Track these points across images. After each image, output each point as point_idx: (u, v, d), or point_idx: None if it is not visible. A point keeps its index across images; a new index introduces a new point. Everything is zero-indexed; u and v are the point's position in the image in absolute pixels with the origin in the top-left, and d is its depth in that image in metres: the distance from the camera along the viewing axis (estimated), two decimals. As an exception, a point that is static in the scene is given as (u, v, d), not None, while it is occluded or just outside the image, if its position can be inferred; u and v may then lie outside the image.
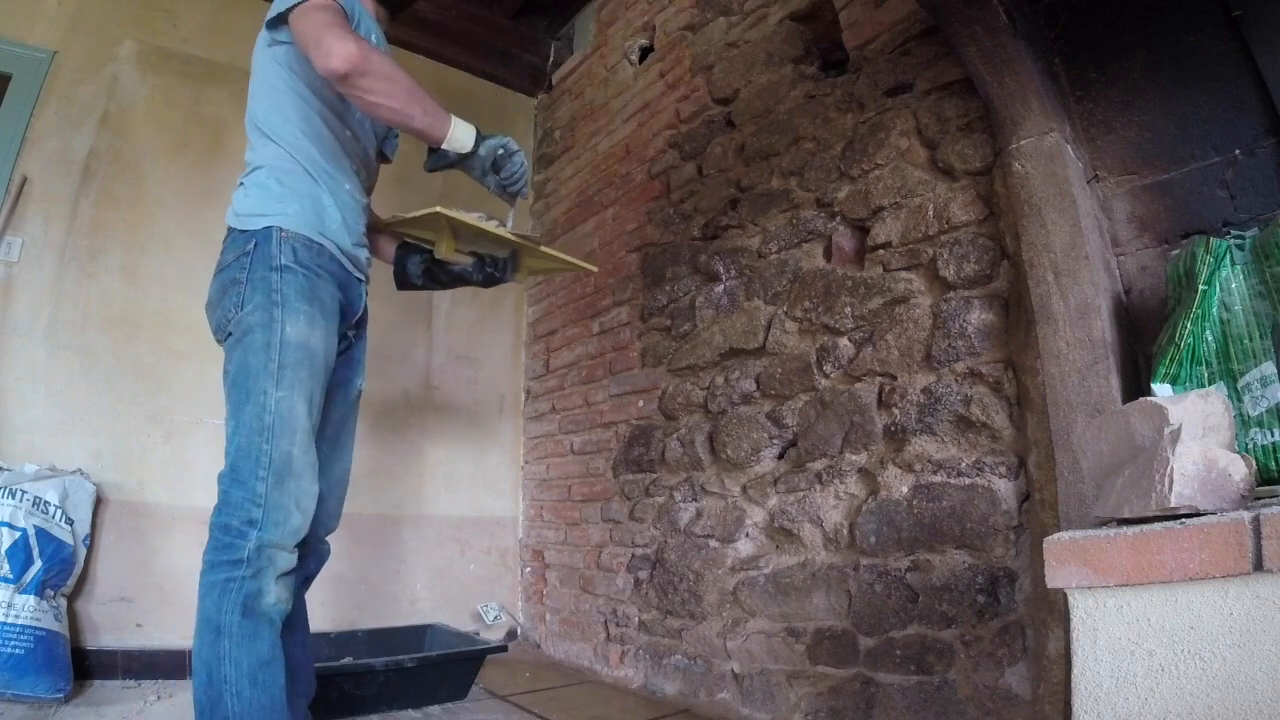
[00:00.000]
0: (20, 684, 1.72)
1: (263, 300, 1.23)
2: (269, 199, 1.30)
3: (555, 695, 2.11)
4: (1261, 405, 1.01)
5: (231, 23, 2.62)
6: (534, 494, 2.96)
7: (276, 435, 1.20)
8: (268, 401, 1.20)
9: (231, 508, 1.17)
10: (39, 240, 2.19)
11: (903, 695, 1.49)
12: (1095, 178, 1.40)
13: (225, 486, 1.19)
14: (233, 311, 1.25)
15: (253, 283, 1.24)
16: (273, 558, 1.17)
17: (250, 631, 1.14)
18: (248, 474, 1.18)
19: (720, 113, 2.25)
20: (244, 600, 1.14)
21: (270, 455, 1.19)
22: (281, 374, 1.21)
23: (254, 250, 1.26)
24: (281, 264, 1.26)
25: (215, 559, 1.16)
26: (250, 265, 1.25)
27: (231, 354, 1.25)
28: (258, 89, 1.36)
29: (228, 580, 1.14)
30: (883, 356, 1.64)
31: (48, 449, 2.09)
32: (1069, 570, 0.79)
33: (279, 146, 1.32)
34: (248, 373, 1.21)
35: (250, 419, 1.20)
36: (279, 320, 1.23)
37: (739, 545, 1.93)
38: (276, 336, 1.22)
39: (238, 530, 1.16)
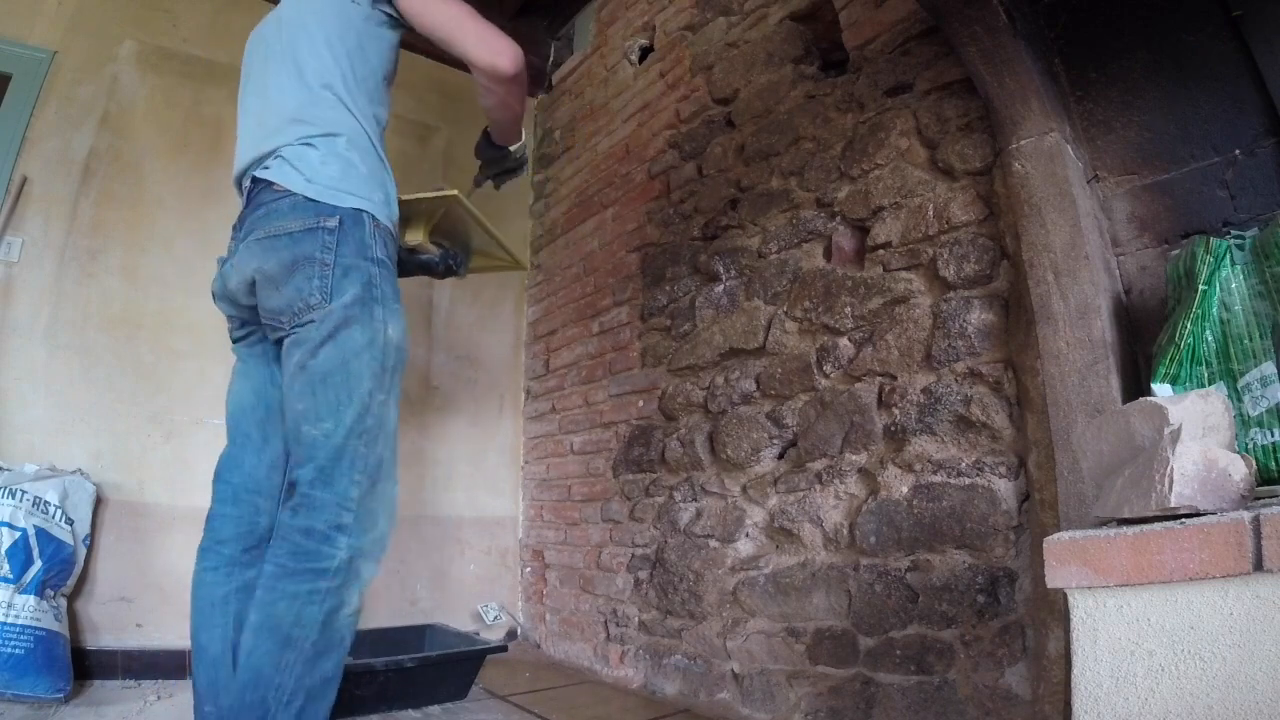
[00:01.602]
0: (20, 684, 1.72)
1: (362, 294, 1.14)
2: (355, 178, 1.20)
3: (555, 695, 2.11)
4: (1261, 405, 1.01)
5: (231, 23, 2.62)
6: (534, 494, 2.96)
7: (375, 440, 1.14)
8: (370, 404, 1.14)
9: (316, 511, 1.09)
10: (39, 240, 2.19)
11: (903, 695, 1.49)
12: (1095, 178, 1.40)
13: (308, 489, 1.10)
14: (315, 299, 1.13)
15: (344, 269, 1.14)
16: (359, 569, 1.11)
17: (323, 649, 1.07)
18: (340, 476, 1.10)
19: (720, 113, 2.25)
20: (327, 614, 1.06)
21: (367, 459, 1.13)
22: (384, 378, 1.15)
23: (340, 230, 1.15)
24: (377, 256, 1.18)
25: (298, 566, 1.07)
26: (337, 248, 1.14)
27: (320, 349, 1.13)
28: (337, 47, 1.26)
29: (311, 591, 1.06)
30: (883, 356, 1.64)
31: (48, 449, 2.09)
32: (1069, 570, 0.79)
33: (356, 121, 1.24)
34: (348, 373, 1.12)
35: (351, 421, 1.12)
36: (380, 320, 1.15)
37: (739, 545, 1.93)
38: (380, 337, 1.15)
39: (323, 535, 1.08)
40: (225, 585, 1.22)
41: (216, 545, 1.25)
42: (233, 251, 1.26)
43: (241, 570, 1.24)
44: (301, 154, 1.19)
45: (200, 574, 1.25)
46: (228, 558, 1.24)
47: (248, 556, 1.25)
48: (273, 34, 1.35)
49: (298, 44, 1.27)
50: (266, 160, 1.22)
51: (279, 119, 1.24)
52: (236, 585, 1.23)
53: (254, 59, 1.39)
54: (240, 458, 1.30)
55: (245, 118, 1.33)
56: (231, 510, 1.27)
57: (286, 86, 1.25)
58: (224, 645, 1.19)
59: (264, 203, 1.18)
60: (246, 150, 1.28)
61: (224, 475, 1.30)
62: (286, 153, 1.20)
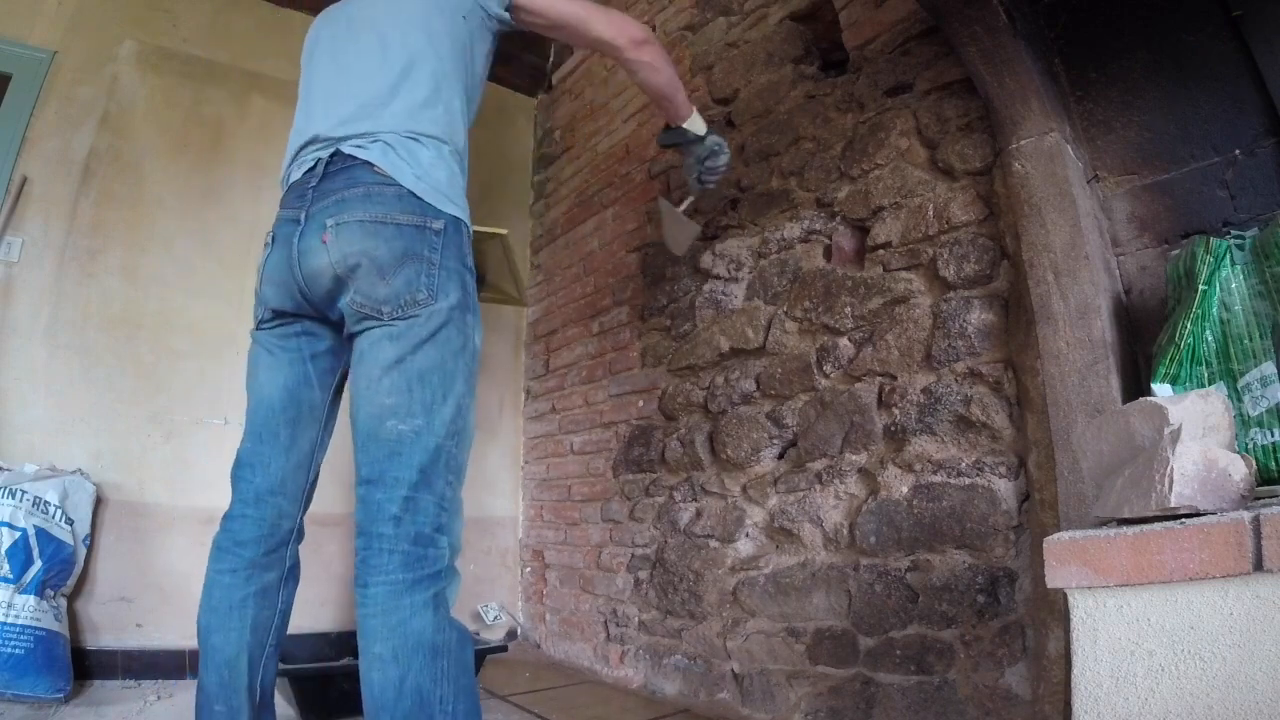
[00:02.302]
0: (20, 684, 1.72)
1: (460, 299, 1.15)
2: (458, 187, 1.22)
3: (555, 695, 2.11)
4: (1261, 405, 1.01)
5: (231, 23, 2.62)
6: (534, 494, 2.95)
7: (462, 442, 1.15)
8: (462, 407, 1.14)
9: (423, 514, 1.07)
10: (39, 240, 2.19)
11: (903, 695, 1.49)
12: (1095, 178, 1.40)
13: (411, 491, 1.07)
14: (423, 295, 1.11)
15: (448, 272, 1.14)
16: (456, 566, 1.12)
17: (462, 643, 1.06)
18: (437, 477, 1.10)
19: (720, 113, 2.25)
20: (451, 611, 1.07)
21: (457, 460, 1.14)
22: (471, 381, 1.17)
23: (444, 234, 1.15)
24: (470, 265, 1.20)
25: (417, 575, 1.05)
26: (442, 250, 1.14)
27: (422, 346, 1.11)
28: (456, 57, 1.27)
29: (436, 596, 1.05)
30: (883, 356, 1.64)
31: (48, 449, 2.09)
32: (1069, 570, 0.79)
33: (461, 134, 1.27)
34: (444, 373, 1.12)
35: (447, 421, 1.12)
36: (471, 327, 1.17)
37: (739, 545, 1.93)
38: (471, 342, 1.17)
39: (430, 538, 1.07)
40: (244, 588, 1.19)
41: (236, 547, 1.21)
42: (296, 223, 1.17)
43: (261, 573, 1.21)
44: (412, 149, 1.17)
45: (217, 575, 1.20)
46: (248, 560, 1.20)
47: (268, 560, 1.22)
48: (368, 22, 1.31)
49: (412, 43, 1.25)
50: (361, 140, 1.17)
51: (386, 105, 1.20)
52: (256, 589, 1.20)
53: (339, 31, 1.34)
54: (266, 457, 1.24)
55: (329, 92, 1.27)
56: (254, 512, 1.22)
57: (398, 77, 1.22)
58: (239, 648, 1.17)
59: (362, 181, 1.14)
60: (329, 123, 1.21)
61: (245, 474, 1.24)
62: (392, 140, 1.17)
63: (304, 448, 1.26)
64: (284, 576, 1.25)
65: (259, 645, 1.19)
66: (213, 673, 1.16)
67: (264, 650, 1.21)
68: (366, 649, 1.04)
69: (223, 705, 1.15)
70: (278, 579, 1.24)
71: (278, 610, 1.23)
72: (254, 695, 1.18)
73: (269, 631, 1.22)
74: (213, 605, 1.19)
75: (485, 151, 3.18)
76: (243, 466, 1.25)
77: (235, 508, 1.23)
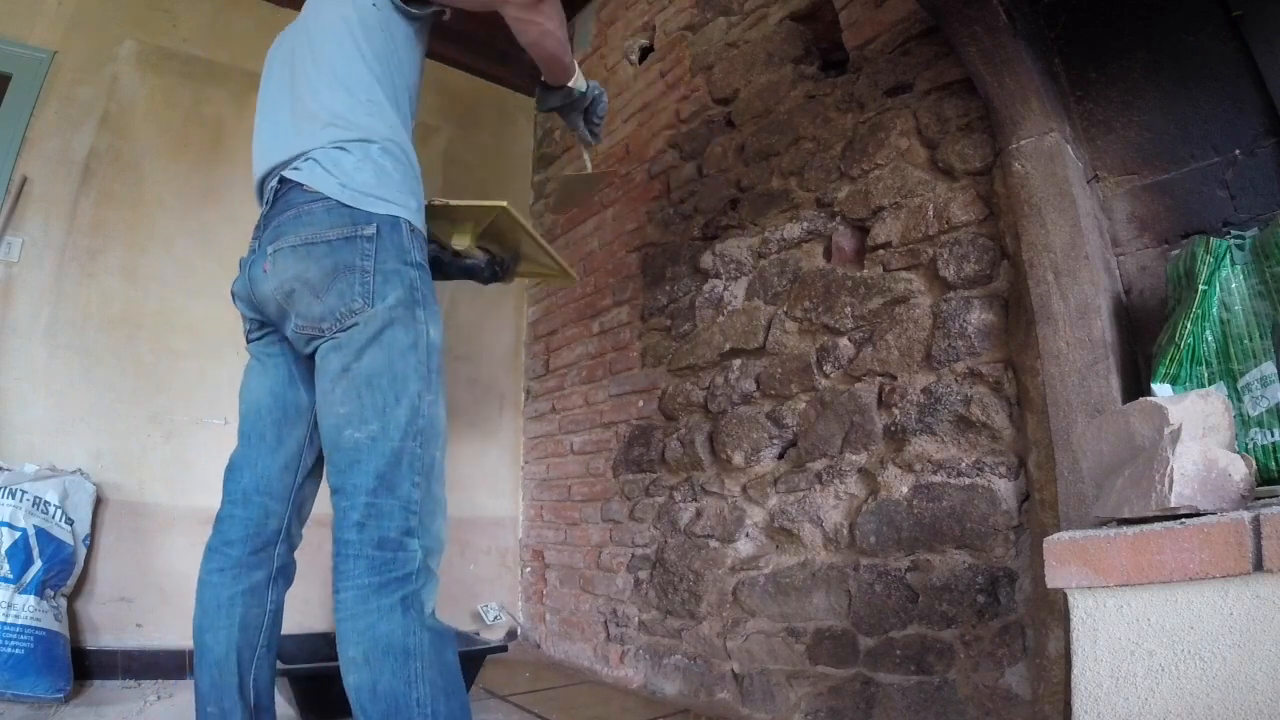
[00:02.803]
0: (20, 684, 1.72)
1: (404, 296, 1.14)
2: (389, 184, 1.20)
3: (555, 695, 2.11)
4: (1261, 405, 1.01)
5: (231, 23, 2.62)
6: (534, 494, 2.95)
7: (428, 440, 1.13)
8: (420, 405, 1.12)
9: (386, 519, 1.07)
10: (39, 240, 2.19)
11: (903, 695, 1.49)
12: (1095, 178, 1.40)
13: (370, 498, 1.08)
14: (358, 303, 1.12)
15: (384, 274, 1.13)
16: (431, 568, 1.10)
17: (438, 645, 1.05)
18: (400, 480, 1.09)
19: (720, 113, 2.25)
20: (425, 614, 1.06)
21: (422, 460, 1.12)
22: (430, 378, 1.15)
23: (376, 237, 1.14)
24: (416, 260, 1.18)
25: (383, 579, 1.05)
26: (376, 256, 1.14)
27: (364, 352, 1.12)
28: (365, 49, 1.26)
29: (405, 598, 1.05)
30: (883, 356, 1.64)
31: (48, 449, 2.09)
32: (1069, 570, 0.79)
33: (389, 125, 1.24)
34: (394, 375, 1.12)
35: (403, 423, 1.11)
36: (423, 321, 1.15)
37: (739, 545, 1.93)
38: (423, 339, 1.15)
39: (396, 542, 1.07)
40: (232, 587, 1.22)
41: (224, 546, 1.24)
42: (254, 252, 1.23)
43: (249, 572, 1.24)
44: (335, 158, 1.18)
45: (207, 575, 1.24)
46: (235, 559, 1.23)
47: (255, 559, 1.25)
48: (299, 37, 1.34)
49: (327, 47, 1.26)
50: (296, 162, 1.21)
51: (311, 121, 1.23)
52: (243, 587, 1.23)
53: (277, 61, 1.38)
54: (253, 458, 1.28)
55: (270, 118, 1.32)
56: (241, 512, 1.26)
57: (319, 89, 1.24)
58: (228, 647, 1.19)
59: (295, 204, 1.17)
60: (273, 151, 1.26)
61: (235, 476, 1.29)
62: (319, 155, 1.19)
63: (291, 448, 1.29)
64: (273, 575, 1.26)
65: (249, 645, 1.21)
66: (205, 673, 1.19)
67: (254, 650, 1.22)
68: (342, 654, 1.05)
69: (214, 706, 1.17)
70: (266, 578, 1.25)
71: (267, 610, 1.25)
72: (246, 695, 1.19)
73: (259, 631, 1.23)
74: (204, 605, 1.22)
75: (485, 151, 3.19)
76: (233, 469, 1.29)
77: (224, 509, 1.27)
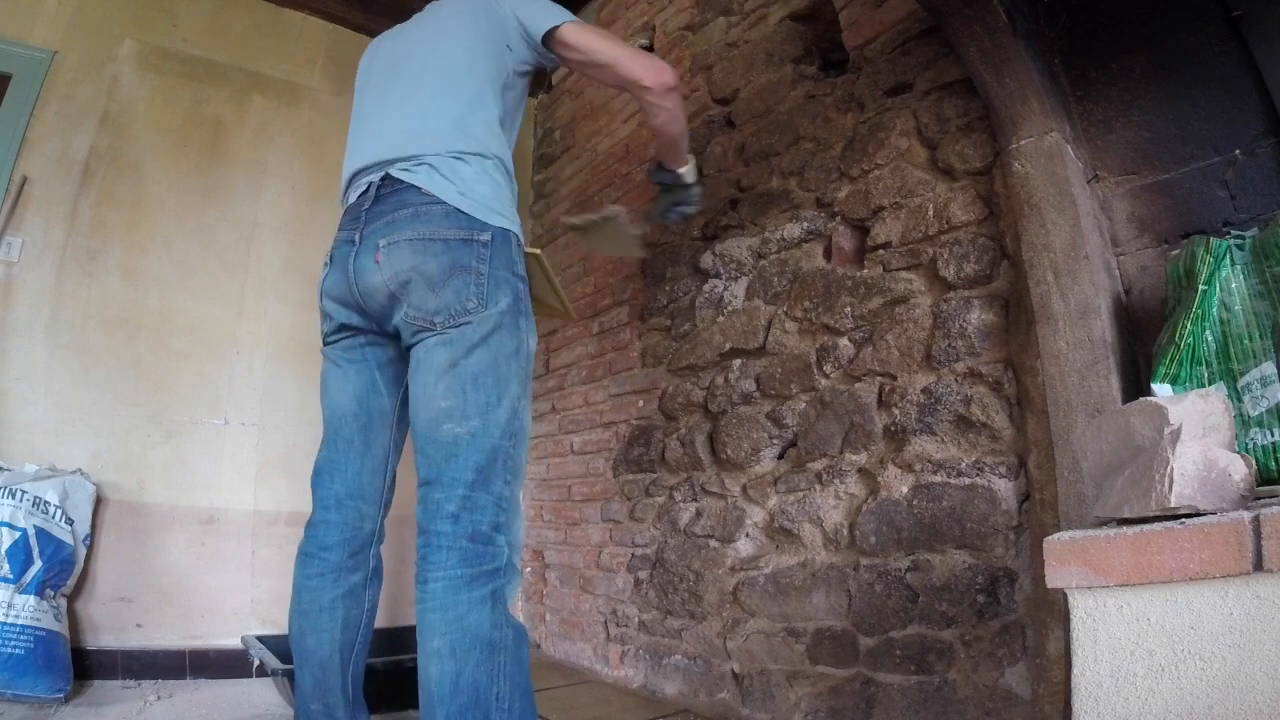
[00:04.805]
0: (20, 684, 1.72)
1: (512, 305, 1.20)
2: (504, 200, 1.28)
3: (555, 695, 2.11)
4: (1261, 405, 1.01)
5: (231, 23, 2.62)
6: (534, 494, 2.95)
7: (520, 442, 1.18)
8: (518, 408, 1.18)
9: (480, 512, 1.11)
10: (39, 240, 2.19)
11: (903, 695, 1.49)
12: (1095, 178, 1.40)
13: (468, 491, 1.12)
14: (473, 303, 1.17)
15: (497, 280, 1.19)
16: (516, 564, 1.13)
17: (519, 640, 1.08)
18: (494, 476, 1.13)
19: (720, 113, 2.25)
20: (509, 608, 1.09)
21: (515, 460, 1.17)
22: (526, 384, 1.21)
23: (491, 245, 1.20)
24: (521, 273, 1.25)
25: (474, 571, 1.08)
26: (491, 260, 1.19)
27: (473, 351, 1.16)
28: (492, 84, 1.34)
29: (494, 592, 1.07)
30: (883, 356, 1.64)
31: (48, 449, 2.09)
32: (1069, 570, 0.79)
33: (504, 149, 1.33)
34: (498, 375, 1.16)
35: (503, 422, 1.15)
36: (525, 331, 1.22)
37: (739, 545, 1.93)
38: (525, 347, 1.21)
39: (487, 536, 1.10)
40: (332, 590, 1.26)
41: (321, 552, 1.28)
42: (352, 244, 1.25)
43: (347, 575, 1.28)
44: (455, 168, 1.23)
45: (304, 580, 1.27)
46: (334, 564, 1.27)
47: (353, 562, 1.29)
48: (414, 50, 1.40)
49: (454, 69, 1.33)
50: (408, 164, 1.25)
51: (429, 128, 1.27)
52: (343, 590, 1.27)
53: (381, 68, 1.45)
54: (342, 463, 1.31)
55: (376, 118, 1.37)
56: (335, 516, 1.29)
57: (440, 101, 1.30)
58: (332, 648, 1.24)
59: (411, 203, 1.21)
60: (379, 149, 1.30)
61: (324, 481, 1.32)
62: (436, 162, 1.23)
63: (378, 452, 1.33)
64: (369, 577, 1.31)
65: (349, 644, 1.26)
66: (307, 673, 1.23)
67: (354, 648, 1.27)
68: (425, 644, 1.07)
69: (319, 703, 1.22)
70: (363, 579, 1.30)
71: (365, 609, 1.30)
72: (347, 692, 1.24)
73: (358, 629, 1.28)
74: (303, 609, 1.26)
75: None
76: (321, 474, 1.32)
77: (317, 514, 1.31)
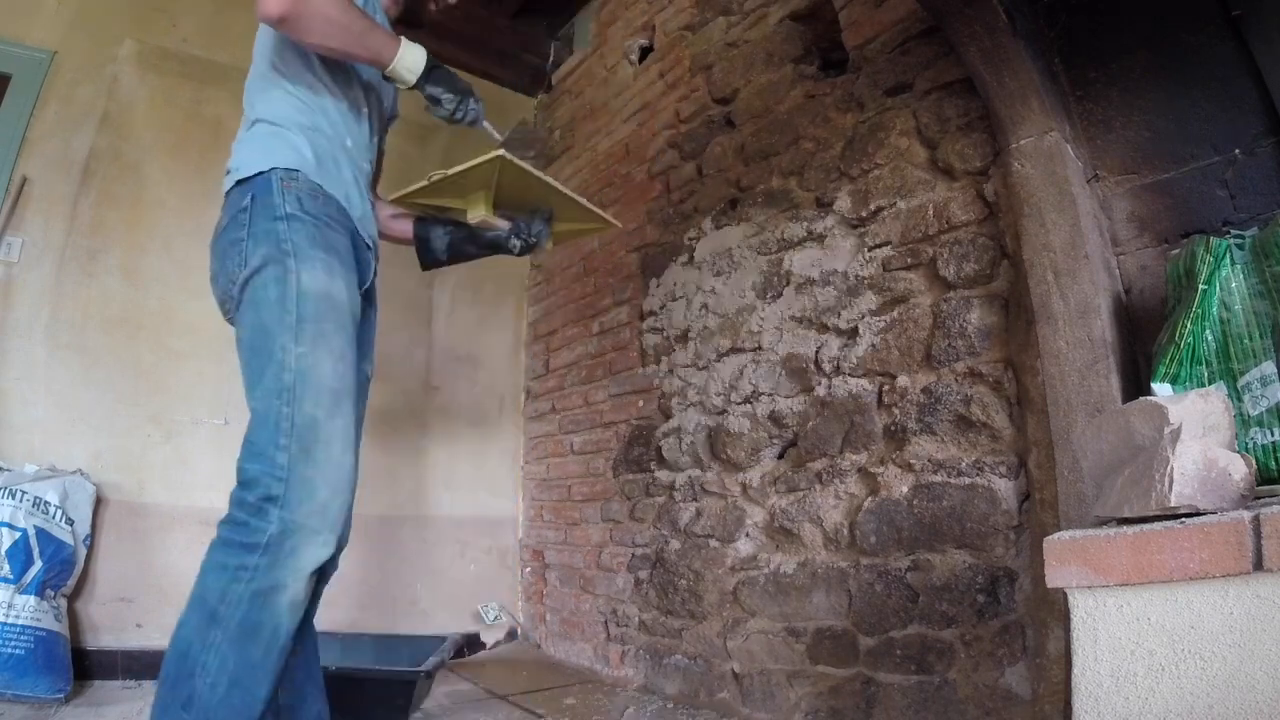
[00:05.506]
0: (21, 684, 1.72)
1: (271, 251, 1.09)
2: (259, 138, 1.19)
3: (555, 695, 2.11)
4: (1261, 405, 1.01)
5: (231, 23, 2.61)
6: (534, 494, 2.95)
7: (298, 397, 1.03)
8: (286, 359, 1.04)
9: (248, 483, 1.02)
10: (39, 240, 2.19)
11: (903, 695, 1.49)
12: (1095, 177, 1.40)
13: (241, 460, 1.04)
14: (237, 272, 1.09)
15: (255, 237, 1.10)
16: (297, 546, 1.00)
17: (250, 631, 0.98)
18: (265, 443, 1.02)
19: (720, 112, 2.25)
20: (253, 594, 0.98)
21: (292, 420, 1.02)
22: (301, 327, 1.06)
23: (251, 204, 1.12)
24: (287, 212, 1.12)
25: (229, 537, 1.01)
26: (251, 221, 1.11)
27: (243, 318, 1.09)
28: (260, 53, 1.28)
29: (239, 568, 0.98)
30: (882, 356, 1.64)
31: (48, 449, 2.09)
32: (1069, 570, 0.79)
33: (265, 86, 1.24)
34: (264, 332, 1.06)
35: (269, 381, 1.04)
36: (293, 270, 1.08)
37: (739, 545, 1.93)
38: (292, 288, 1.07)
39: (254, 507, 1.00)
40: None
41: None
42: None
43: None
44: (232, 156, 1.23)
45: None
46: None
47: None
48: None
49: None
50: None
51: None
52: None
53: None
54: None
55: None
56: None
57: None
58: None
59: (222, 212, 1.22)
60: None
61: None
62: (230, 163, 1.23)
63: None
64: None
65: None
66: None
67: None
68: None
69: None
70: None
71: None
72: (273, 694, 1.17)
73: None
74: None
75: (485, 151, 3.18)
76: None
77: None
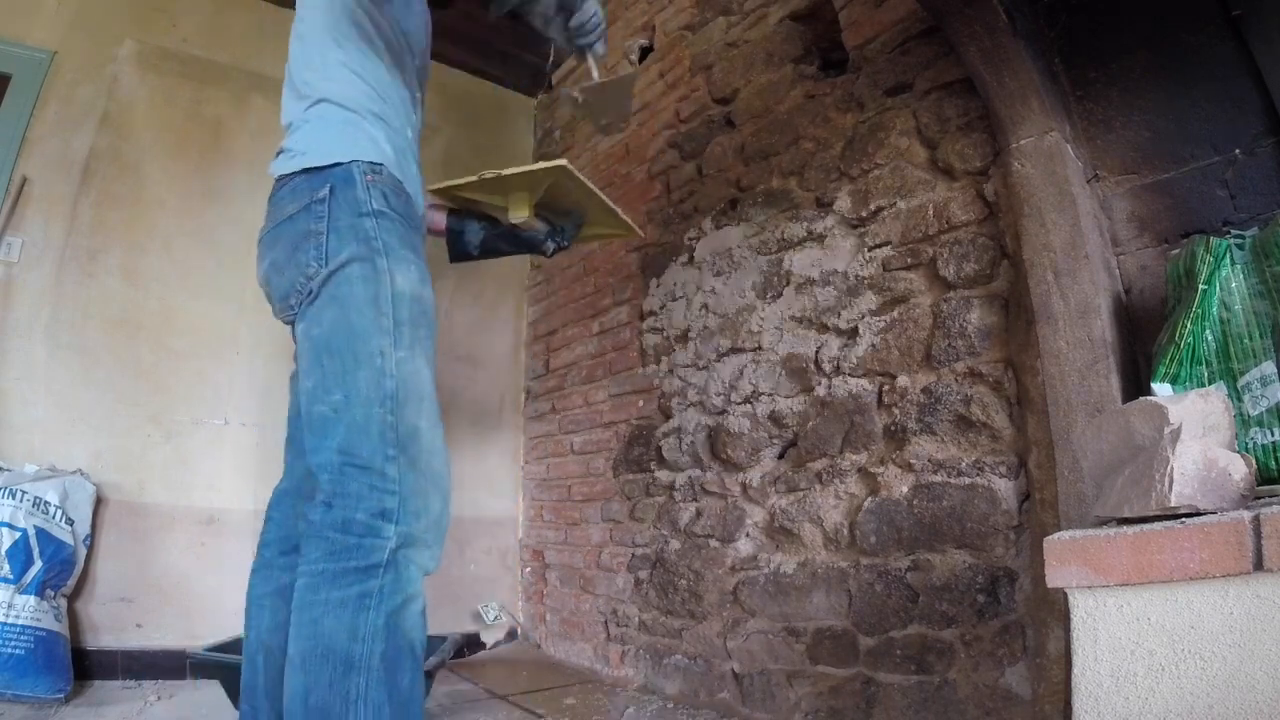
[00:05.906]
0: (21, 684, 1.72)
1: (359, 249, 1.01)
2: (342, 129, 1.10)
3: (555, 695, 2.11)
4: (1261, 405, 1.01)
5: (232, 23, 2.62)
6: (534, 494, 2.95)
7: (402, 405, 0.97)
8: (386, 364, 0.97)
9: (351, 500, 0.93)
10: (39, 240, 2.19)
11: (903, 695, 1.49)
12: (1095, 177, 1.40)
13: (335, 475, 0.95)
14: (314, 267, 1.01)
15: (339, 232, 1.02)
16: (417, 558, 0.95)
17: (394, 662, 0.89)
18: (371, 454, 0.94)
19: (720, 112, 2.25)
20: (388, 618, 0.89)
21: (396, 429, 0.95)
22: (399, 331, 1.00)
23: (331, 196, 1.04)
24: (374, 209, 1.04)
25: (339, 567, 0.90)
26: (330, 215, 1.03)
27: (320, 316, 1.01)
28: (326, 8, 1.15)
29: (362, 595, 0.89)
30: (883, 356, 1.64)
31: (48, 449, 2.09)
32: (1069, 570, 0.79)
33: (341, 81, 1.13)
34: (353, 333, 0.98)
35: (366, 387, 0.95)
36: (384, 270, 1.01)
37: (739, 545, 1.93)
38: (386, 289, 1.00)
39: (365, 526, 0.92)
40: (262, 588, 1.21)
41: (262, 548, 1.25)
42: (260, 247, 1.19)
43: (278, 574, 1.21)
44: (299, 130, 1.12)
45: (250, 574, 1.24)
46: (266, 560, 1.23)
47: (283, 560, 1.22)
48: None
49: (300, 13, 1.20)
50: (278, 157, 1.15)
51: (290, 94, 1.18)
52: (272, 588, 1.20)
53: None
54: (291, 461, 1.27)
55: None
56: (275, 513, 1.25)
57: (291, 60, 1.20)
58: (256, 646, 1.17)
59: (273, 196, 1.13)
60: None
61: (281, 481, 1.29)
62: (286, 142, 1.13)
63: None
64: None
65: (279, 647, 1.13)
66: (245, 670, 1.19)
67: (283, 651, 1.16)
68: (288, 650, 0.93)
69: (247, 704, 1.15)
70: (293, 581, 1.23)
71: None
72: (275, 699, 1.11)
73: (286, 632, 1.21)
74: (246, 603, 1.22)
75: (485, 151, 3.18)
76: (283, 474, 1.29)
77: (266, 511, 1.27)
